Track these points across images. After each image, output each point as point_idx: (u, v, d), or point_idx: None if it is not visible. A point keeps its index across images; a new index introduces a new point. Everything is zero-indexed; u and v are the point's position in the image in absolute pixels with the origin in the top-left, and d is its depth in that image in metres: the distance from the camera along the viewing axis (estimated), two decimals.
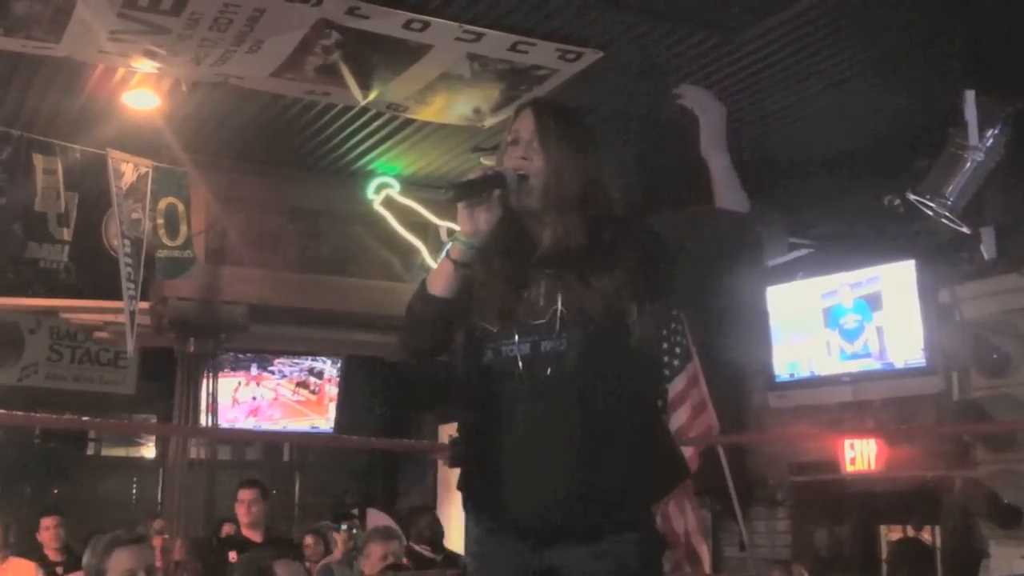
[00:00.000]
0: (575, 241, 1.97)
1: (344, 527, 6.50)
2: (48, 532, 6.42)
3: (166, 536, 5.94)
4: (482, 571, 2.02)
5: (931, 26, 4.48)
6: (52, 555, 6.36)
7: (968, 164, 4.82)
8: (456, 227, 1.99)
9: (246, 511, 5.38)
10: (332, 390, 9.84)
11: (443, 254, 2.01)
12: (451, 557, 6.20)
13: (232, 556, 5.17)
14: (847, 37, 4.56)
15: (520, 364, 1.94)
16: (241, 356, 9.04)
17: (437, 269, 2.01)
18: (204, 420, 6.23)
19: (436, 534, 6.28)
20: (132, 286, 5.61)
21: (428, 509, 6.64)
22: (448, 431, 9.89)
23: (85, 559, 3.07)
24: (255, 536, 5.38)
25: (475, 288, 2.00)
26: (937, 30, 4.52)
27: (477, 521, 2.03)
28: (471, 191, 1.95)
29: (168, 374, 6.54)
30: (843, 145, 5.77)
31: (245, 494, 5.39)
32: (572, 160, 2.01)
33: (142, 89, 5.17)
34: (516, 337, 1.95)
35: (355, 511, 8.19)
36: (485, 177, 1.98)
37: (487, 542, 2.01)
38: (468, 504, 2.04)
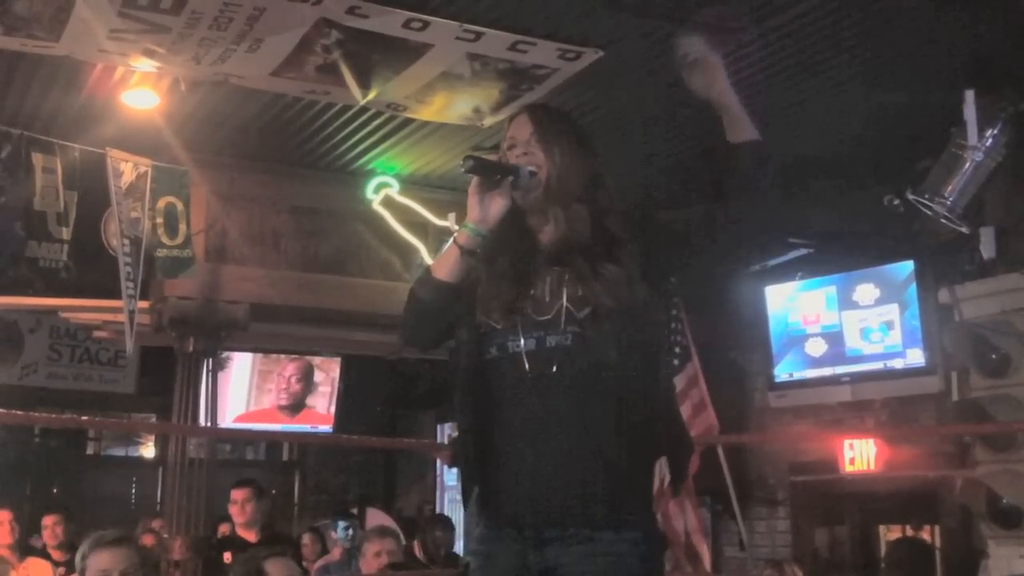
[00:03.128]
0: (581, 235, 1.99)
1: (341, 525, 6.49)
2: (47, 531, 6.42)
3: (165, 536, 5.94)
4: (484, 569, 2.02)
5: (932, 26, 4.48)
6: (55, 554, 6.36)
7: (968, 164, 4.82)
8: (456, 228, 2.01)
9: (239, 511, 5.40)
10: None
11: (450, 240, 2.03)
12: (451, 558, 6.20)
13: (227, 557, 5.18)
14: (847, 38, 4.56)
15: (526, 360, 1.94)
16: None
17: (443, 255, 2.04)
18: (204, 419, 6.22)
19: (438, 549, 6.26)
20: (131, 285, 5.61)
21: (445, 524, 6.60)
22: (447, 430, 9.91)
23: (76, 558, 3.08)
24: (250, 536, 5.39)
25: (480, 285, 2.01)
26: (938, 30, 4.52)
27: (479, 519, 2.03)
28: (489, 169, 2.00)
29: (168, 373, 6.54)
30: (843, 145, 5.77)
31: (238, 494, 5.41)
32: (572, 155, 2.04)
33: (142, 88, 5.16)
34: (521, 333, 1.96)
35: (354, 510, 8.20)
36: (502, 163, 2.02)
37: (489, 540, 2.01)
38: (470, 502, 2.04)
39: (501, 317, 1.99)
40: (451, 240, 2.03)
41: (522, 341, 1.96)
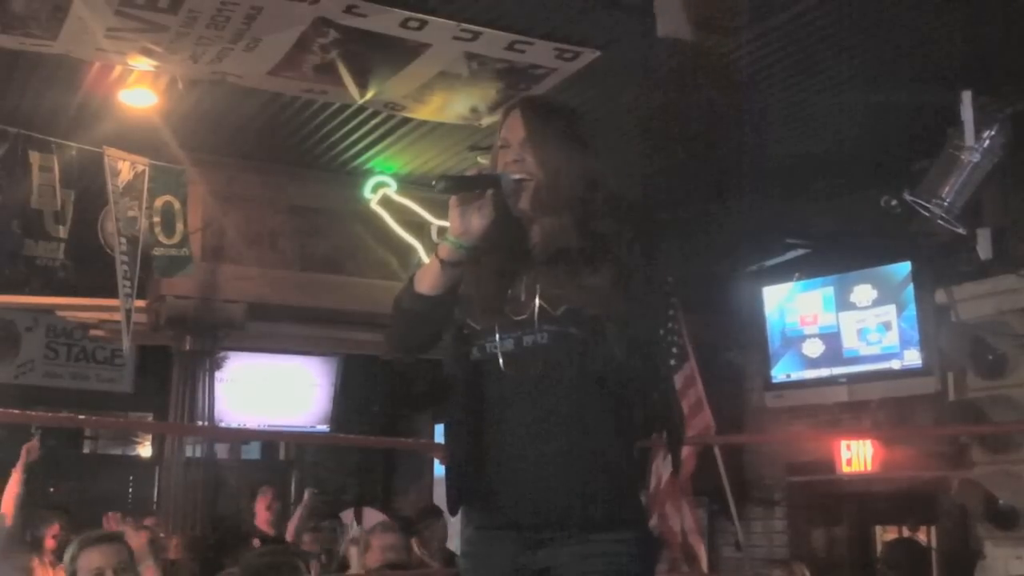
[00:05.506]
0: (565, 240, 1.95)
1: (325, 525, 6.47)
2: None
3: (162, 534, 5.94)
4: (475, 571, 2.01)
5: (930, 26, 4.48)
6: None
7: (965, 165, 4.81)
8: (447, 224, 1.98)
9: (266, 510, 5.51)
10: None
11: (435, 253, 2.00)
12: (448, 557, 6.19)
13: (256, 543, 5.28)
14: (846, 38, 4.56)
15: (502, 360, 1.93)
16: None
17: (425, 267, 1.99)
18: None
19: (435, 541, 6.27)
20: (128, 284, 5.60)
21: (437, 514, 6.61)
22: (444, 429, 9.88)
23: (65, 559, 3.06)
24: (273, 534, 5.51)
25: (462, 285, 1.99)
26: (936, 30, 4.52)
27: (469, 521, 2.02)
28: (463, 186, 1.96)
29: (165, 372, 6.53)
30: (841, 145, 5.77)
31: (268, 492, 5.52)
32: (565, 159, 1.98)
33: (139, 87, 5.16)
34: (499, 334, 1.95)
35: (340, 512, 8.16)
36: (480, 175, 1.98)
37: (480, 542, 2.00)
38: (463, 504, 2.02)
39: (480, 317, 1.97)
40: (435, 252, 1.99)
41: (499, 341, 1.94)
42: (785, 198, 6.23)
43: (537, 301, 1.92)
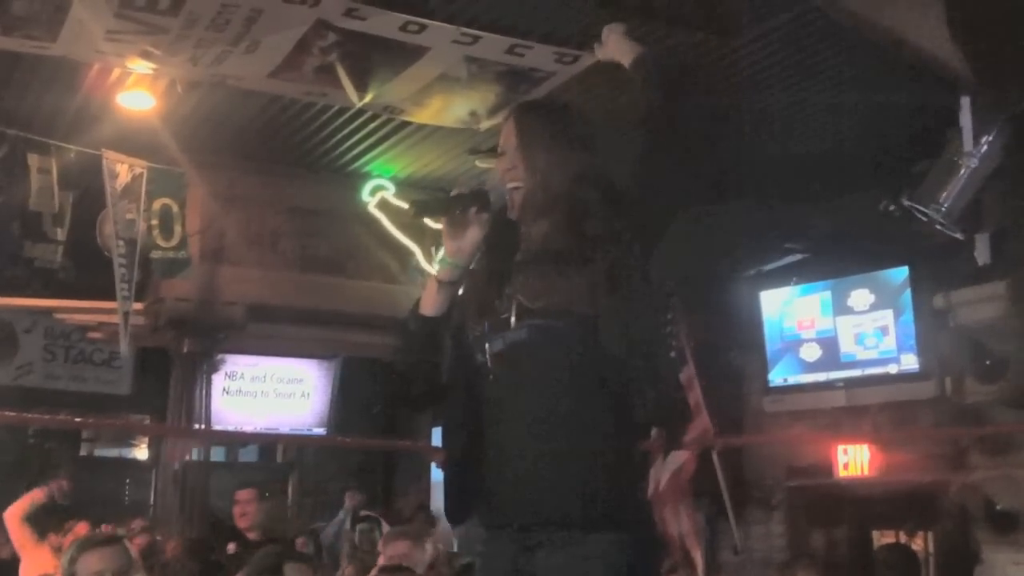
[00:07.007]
0: (556, 241, 1.97)
1: (364, 527, 6.43)
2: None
3: (159, 537, 5.93)
4: (482, 571, 2.04)
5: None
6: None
7: (963, 170, 4.81)
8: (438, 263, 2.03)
9: (241, 512, 5.40)
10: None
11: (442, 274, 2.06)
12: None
13: (231, 547, 5.19)
14: (846, 39, 4.56)
15: (490, 360, 1.97)
16: None
17: (426, 290, 2.07)
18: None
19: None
20: (126, 286, 5.60)
21: (422, 507, 6.62)
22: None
23: (63, 563, 2.97)
24: (254, 536, 5.39)
25: (461, 291, 2.03)
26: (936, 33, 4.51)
27: (477, 521, 2.03)
28: (434, 209, 2.06)
29: (164, 374, 6.53)
30: (841, 146, 5.77)
31: (243, 495, 5.42)
32: (555, 162, 2.01)
33: (138, 90, 5.16)
34: (492, 334, 1.97)
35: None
36: (456, 196, 2.02)
37: (484, 542, 2.01)
38: (465, 506, 2.03)
39: (475, 320, 2.01)
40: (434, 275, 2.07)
41: (490, 342, 1.98)
42: (784, 200, 6.23)
43: (516, 297, 1.95)
